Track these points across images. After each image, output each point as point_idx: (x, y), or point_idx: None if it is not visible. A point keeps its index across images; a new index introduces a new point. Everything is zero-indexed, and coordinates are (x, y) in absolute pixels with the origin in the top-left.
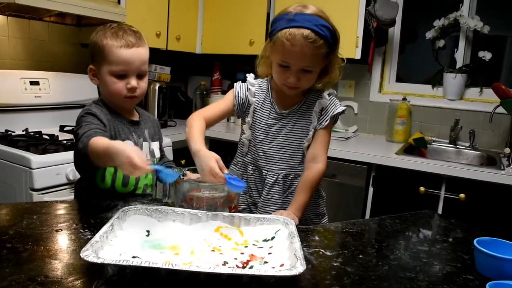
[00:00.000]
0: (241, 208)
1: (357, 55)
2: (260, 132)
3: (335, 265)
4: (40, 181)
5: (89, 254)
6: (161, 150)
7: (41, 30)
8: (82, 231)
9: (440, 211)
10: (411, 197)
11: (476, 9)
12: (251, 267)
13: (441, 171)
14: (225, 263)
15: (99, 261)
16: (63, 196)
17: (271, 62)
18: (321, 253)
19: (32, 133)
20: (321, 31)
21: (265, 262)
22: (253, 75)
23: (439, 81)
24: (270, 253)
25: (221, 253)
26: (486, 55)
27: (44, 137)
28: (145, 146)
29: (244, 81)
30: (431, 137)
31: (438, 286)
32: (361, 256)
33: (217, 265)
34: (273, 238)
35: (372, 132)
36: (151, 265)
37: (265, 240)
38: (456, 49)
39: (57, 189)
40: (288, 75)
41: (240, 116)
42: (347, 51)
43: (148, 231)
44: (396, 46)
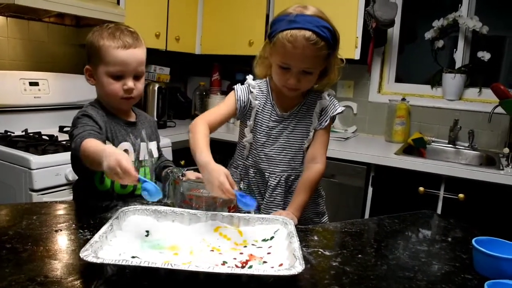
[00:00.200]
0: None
1: (356, 56)
2: (261, 135)
3: (334, 264)
4: (39, 181)
5: (88, 254)
6: (158, 149)
7: (40, 31)
8: (81, 231)
9: (439, 211)
10: (410, 197)
11: (475, 10)
12: (250, 267)
13: (440, 171)
14: (224, 263)
15: (99, 261)
16: (63, 196)
17: (270, 63)
18: (320, 253)
19: (31, 134)
20: (323, 32)
21: (264, 262)
22: (252, 76)
23: (438, 82)
24: (269, 253)
25: (220, 253)
26: (485, 56)
27: (43, 137)
28: (143, 146)
29: (242, 83)
30: (430, 137)
31: (436, 285)
32: (360, 256)
33: (216, 265)
34: (272, 238)
35: (371, 132)
36: (150, 265)
37: (264, 240)
38: (455, 50)
39: (56, 189)
40: (288, 76)
41: (240, 118)
42: (346, 51)
43: (147, 231)
44: (395, 46)
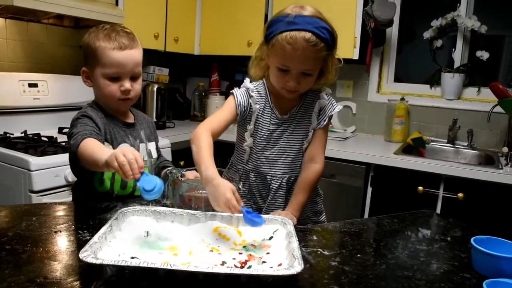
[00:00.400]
0: None
1: (355, 56)
2: (262, 138)
3: (333, 264)
4: (39, 183)
5: (88, 255)
6: (157, 150)
7: (39, 32)
8: (81, 232)
9: (438, 210)
10: (410, 196)
11: (473, 9)
12: (249, 267)
13: (439, 170)
14: (223, 263)
15: (98, 262)
16: (62, 198)
17: (266, 64)
18: (319, 252)
19: (30, 135)
20: (322, 33)
21: (263, 262)
22: (249, 79)
23: (437, 81)
24: (268, 253)
25: (220, 253)
26: (483, 55)
27: (42, 139)
28: (142, 147)
29: (240, 85)
30: (429, 136)
31: (435, 284)
32: (359, 255)
33: (215, 265)
34: (271, 238)
35: (370, 132)
36: (149, 266)
37: (264, 240)
38: (453, 49)
39: (56, 191)
40: (287, 79)
41: (239, 122)
42: (345, 51)
43: (146, 232)
44: (394, 46)
